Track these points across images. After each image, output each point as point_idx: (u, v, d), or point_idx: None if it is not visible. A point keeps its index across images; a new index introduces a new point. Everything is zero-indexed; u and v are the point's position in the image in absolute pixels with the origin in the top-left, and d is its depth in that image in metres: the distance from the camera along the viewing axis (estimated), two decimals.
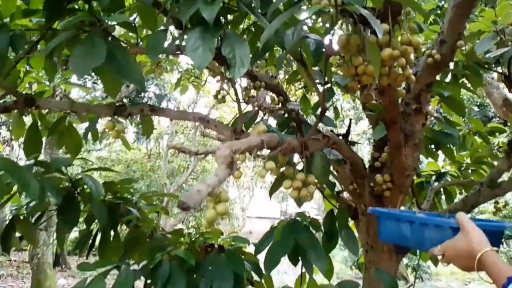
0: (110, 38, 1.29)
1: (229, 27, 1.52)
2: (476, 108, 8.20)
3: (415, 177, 2.42)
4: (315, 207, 12.97)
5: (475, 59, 2.32)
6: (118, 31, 3.22)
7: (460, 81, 2.40)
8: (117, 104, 1.41)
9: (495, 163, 2.69)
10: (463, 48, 2.17)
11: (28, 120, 1.96)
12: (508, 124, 4.02)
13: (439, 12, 2.77)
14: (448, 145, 2.19)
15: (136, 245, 1.93)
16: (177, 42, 1.52)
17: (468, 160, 2.78)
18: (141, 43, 2.20)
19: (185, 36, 1.13)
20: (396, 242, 1.26)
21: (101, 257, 1.90)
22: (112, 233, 1.92)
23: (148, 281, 1.68)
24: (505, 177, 2.43)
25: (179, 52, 1.43)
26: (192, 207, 0.65)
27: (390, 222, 1.17)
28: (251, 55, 1.36)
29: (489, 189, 2.13)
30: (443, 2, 2.76)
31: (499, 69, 2.66)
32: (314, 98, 3.17)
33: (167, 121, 11.12)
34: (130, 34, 2.16)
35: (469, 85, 2.37)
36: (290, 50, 1.22)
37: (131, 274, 1.60)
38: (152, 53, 1.13)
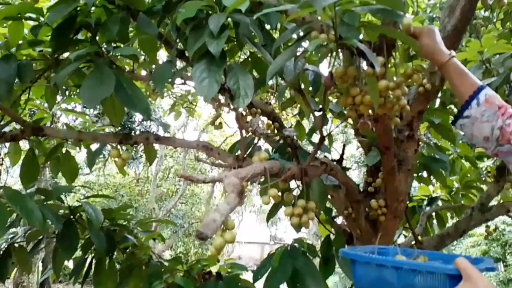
0: (115, 68, 1.33)
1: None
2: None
3: (407, 202, 2.47)
4: (305, 231, 12.92)
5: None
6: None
7: (448, 107, 2.48)
8: (122, 132, 1.43)
9: (484, 187, 2.76)
10: None
11: (23, 144, 1.97)
12: None
13: None
14: (439, 171, 2.25)
15: (131, 273, 1.92)
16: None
17: (457, 185, 2.85)
18: (136, 69, 2.24)
19: (190, 67, 1.17)
20: None
21: (96, 285, 1.88)
22: (107, 260, 1.91)
23: None
24: (494, 201, 2.50)
25: (183, 83, 1.47)
26: (210, 236, 0.68)
27: (369, 268, 0.98)
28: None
29: (480, 214, 2.19)
30: None
31: None
32: (307, 125, 3.22)
33: (156, 145, 11.09)
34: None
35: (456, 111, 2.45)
36: (292, 81, 1.27)
37: None
38: (159, 84, 1.16)
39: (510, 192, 2.61)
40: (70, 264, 2.03)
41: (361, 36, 1.51)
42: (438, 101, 2.49)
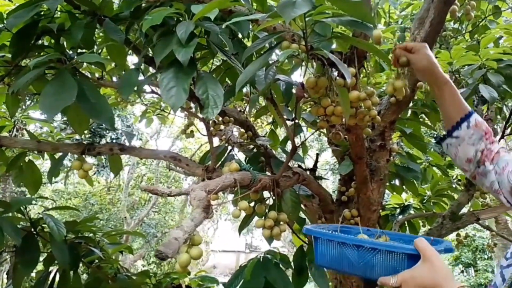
0: (78, 75, 1.27)
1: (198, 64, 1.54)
2: (433, 140, 8.57)
3: (380, 211, 2.48)
4: (281, 239, 12.91)
5: (433, 97, 2.45)
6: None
7: (419, 117, 2.52)
8: (85, 142, 1.37)
9: (455, 195, 2.81)
10: (422, 88, 2.30)
11: None
12: None
13: None
14: (411, 180, 2.27)
15: (98, 287, 1.84)
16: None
17: (429, 193, 2.89)
18: (105, 76, 2.18)
19: (159, 75, 1.13)
20: (336, 268, 1.02)
21: None
22: (72, 274, 1.83)
23: None
24: (465, 209, 2.54)
25: (152, 92, 1.42)
26: (170, 256, 0.64)
27: (331, 245, 0.99)
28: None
29: (451, 222, 2.21)
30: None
31: None
32: (281, 133, 3.22)
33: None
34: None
35: (428, 121, 2.49)
36: (263, 91, 1.25)
37: None
38: (125, 92, 1.12)
39: (480, 200, 2.67)
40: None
41: (333, 46, 1.51)
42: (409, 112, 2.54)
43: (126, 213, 9.16)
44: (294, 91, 1.39)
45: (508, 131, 2.45)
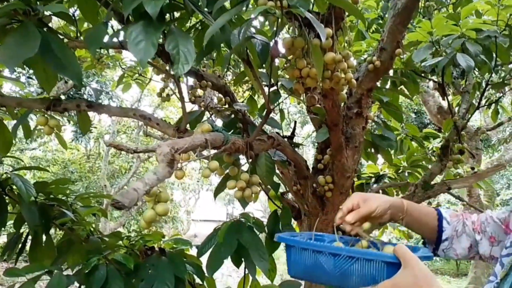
0: (46, 29, 1.21)
1: (175, 24, 1.49)
2: (413, 115, 8.68)
3: (355, 179, 2.51)
4: (261, 209, 13.09)
5: (413, 68, 2.46)
6: (57, 23, 3.05)
7: (398, 88, 2.53)
8: (51, 98, 1.32)
9: (429, 166, 2.86)
10: (401, 56, 2.29)
11: None
12: (442, 130, 4.30)
13: (381, 22, 2.90)
14: (386, 148, 2.29)
15: (70, 249, 1.83)
16: (121, 38, 1.47)
17: (404, 163, 2.93)
18: (81, 37, 2.10)
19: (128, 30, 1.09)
20: (310, 278, 0.96)
21: (32, 262, 1.78)
22: (44, 236, 1.81)
23: (83, 287, 1.60)
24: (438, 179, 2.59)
25: (121, 47, 1.37)
26: (127, 206, 0.62)
27: (305, 254, 0.93)
28: (197, 53, 1.34)
29: (423, 191, 2.26)
30: (385, 12, 2.89)
31: (435, 78, 2.84)
32: (261, 100, 3.19)
33: (109, 120, 10.71)
34: (71, 28, 2.06)
35: (407, 92, 2.50)
36: (236, 48, 1.21)
37: (63, 279, 1.51)
38: (91, 47, 1.07)
39: (453, 170, 2.73)
40: None
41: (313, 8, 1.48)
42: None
43: (106, 181, 9.09)
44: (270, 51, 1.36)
45: (483, 103, 2.48)
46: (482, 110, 3.34)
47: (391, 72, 2.37)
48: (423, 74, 2.64)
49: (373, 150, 2.30)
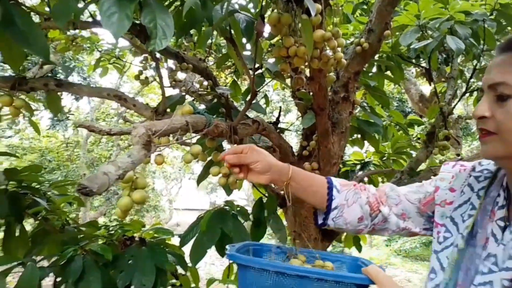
0: (9, 1, 1.11)
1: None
2: (395, 103, 8.72)
3: (341, 166, 2.47)
4: (245, 198, 13.06)
5: (398, 52, 2.41)
6: (30, 3, 2.89)
7: (385, 72, 2.48)
8: (15, 76, 1.22)
9: (414, 153, 2.85)
10: (388, 40, 2.24)
11: None
12: (424, 118, 4.30)
13: (365, 7, 2.84)
14: (372, 134, 2.25)
15: (45, 239, 1.74)
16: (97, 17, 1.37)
17: (389, 150, 2.91)
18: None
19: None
20: None
21: (6, 252, 1.69)
22: (18, 227, 1.71)
23: (58, 279, 1.52)
24: (423, 167, 2.57)
25: (94, 23, 1.27)
26: (96, 192, 0.54)
27: (264, 275, 0.81)
28: (176, 31, 1.25)
29: (409, 177, 2.23)
30: None
31: (420, 63, 2.80)
32: (244, 85, 3.11)
33: (88, 108, 10.44)
34: (47, 9, 1.93)
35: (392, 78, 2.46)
36: (218, 23, 1.13)
37: (37, 271, 1.42)
38: (59, 19, 0.97)
39: (438, 157, 2.71)
40: None
41: None
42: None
43: (85, 170, 8.88)
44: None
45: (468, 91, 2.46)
46: (464, 98, 3.34)
47: (376, 57, 2.32)
48: (408, 59, 2.60)
49: (359, 136, 2.26)
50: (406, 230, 0.98)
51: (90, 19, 1.64)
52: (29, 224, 2.05)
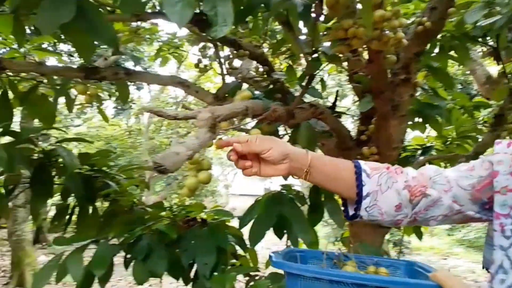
0: None
1: None
2: (459, 85, 8.25)
3: (401, 151, 2.39)
4: (299, 184, 13.06)
5: (464, 31, 2.28)
6: None
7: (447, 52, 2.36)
8: (88, 67, 1.31)
9: (480, 137, 2.70)
10: (452, 18, 2.12)
11: None
12: (491, 101, 4.05)
13: None
14: (435, 118, 2.16)
15: (114, 219, 1.86)
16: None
17: (453, 134, 2.78)
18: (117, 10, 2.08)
19: None
20: None
21: (79, 232, 1.84)
22: (90, 207, 1.85)
23: (128, 256, 1.63)
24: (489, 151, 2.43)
25: (158, 13, 1.33)
26: (169, 170, 0.58)
27: (314, 283, 0.74)
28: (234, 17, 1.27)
29: None
30: None
31: (488, 43, 2.63)
32: (299, 69, 3.09)
33: (148, 97, 10.89)
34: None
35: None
36: (276, 7, 1.14)
37: (109, 249, 1.54)
38: (127, 8, 1.03)
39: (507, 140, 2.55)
40: None
41: None
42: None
43: (147, 156, 9.32)
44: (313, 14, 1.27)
45: None
46: None
47: (439, 36, 2.21)
48: (474, 38, 2.45)
49: (420, 120, 2.18)
50: (460, 214, 0.83)
51: (150, 10, 1.72)
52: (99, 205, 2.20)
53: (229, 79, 2.32)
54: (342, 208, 0.94)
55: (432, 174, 0.85)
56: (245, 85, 2.17)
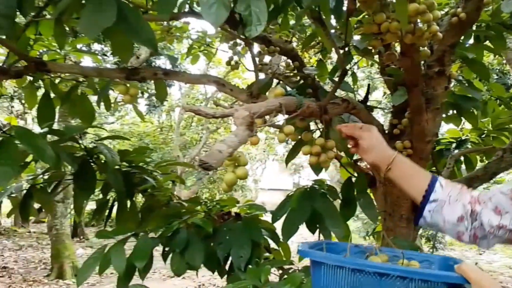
0: None
1: None
2: (495, 76, 7.96)
3: (435, 144, 2.36)
4: (328, 179, 12.98)
5: (500, 20, 2.21)
6: None
7: (482, 42, 2.30)
8: (129, 67, 1.37)
9: None
10: (488, 8, 2.07)
11: (40, 91, 1.94)
12: None
13: None
14: (470, 110, 2.11)
15: (152, 213, 1.93)
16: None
17: (489, 127, 2.70)
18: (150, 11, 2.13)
19: None
20: None
21: (118, 225, 1.91)
22: (128, 202, 1.92)
23: (166, 249, 1.69)
24: None
25: (191, 12, 1.37)
26: (214, 166, 0.62)
27: (340, 273, 0.74)
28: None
29: None
30: None
31: None
32: (329, 64, 3.09)
33: (178, 94, 11.08)
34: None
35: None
36: (309, 4, 1.15)
37: (149, 241, 1.60)
38: (163, 10, 1.07)
39: None
40: None
41: None
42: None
43: (178, 152, 9.51)
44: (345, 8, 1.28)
45: None
46: None
47: (474, 27, 2.15)
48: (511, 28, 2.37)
49: (455, 112, 2.13)
50: (502, 229, 0.84)
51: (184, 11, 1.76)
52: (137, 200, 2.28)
53: (260, 76, 2.35)
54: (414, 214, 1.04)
55: (482, 194, 0.91)
56: (275, 81, 2.19)
